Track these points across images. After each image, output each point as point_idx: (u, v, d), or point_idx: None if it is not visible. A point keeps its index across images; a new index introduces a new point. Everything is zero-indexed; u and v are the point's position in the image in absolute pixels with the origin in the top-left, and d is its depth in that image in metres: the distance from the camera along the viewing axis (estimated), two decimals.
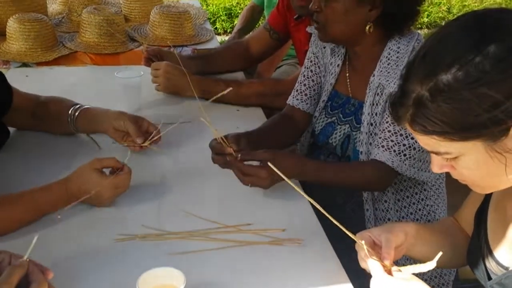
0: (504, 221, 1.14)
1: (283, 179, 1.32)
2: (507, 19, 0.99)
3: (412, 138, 1.57)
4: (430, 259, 1.22)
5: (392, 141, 1.57)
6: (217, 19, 5.69)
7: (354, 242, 1.16)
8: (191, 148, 1.77)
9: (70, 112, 1.68)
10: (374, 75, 1.62)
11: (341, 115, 1.76)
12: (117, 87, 1.98)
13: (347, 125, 1.74)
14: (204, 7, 5.56)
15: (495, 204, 1.19)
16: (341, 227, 1.10)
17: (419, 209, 1.75)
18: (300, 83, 1.86)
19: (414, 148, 1.58)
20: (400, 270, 1.12)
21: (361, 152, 1.67)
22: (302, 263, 1.31)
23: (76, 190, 1.38)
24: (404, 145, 1.57)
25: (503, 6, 5.98)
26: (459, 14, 1.06)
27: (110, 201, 1.45)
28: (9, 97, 1.68)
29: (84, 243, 1.33)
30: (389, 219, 1.72)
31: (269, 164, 1.17)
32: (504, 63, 0.94)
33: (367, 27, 1.60)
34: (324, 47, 1.81)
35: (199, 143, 1.79)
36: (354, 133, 1.71)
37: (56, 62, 2.44)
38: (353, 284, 1.25)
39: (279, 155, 1.49)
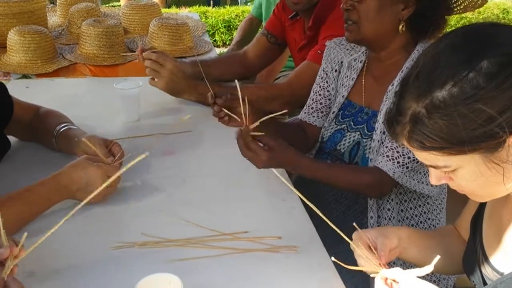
0: (499, 228, 1.16)
1: (279, 168, 1.53)
2: (497, 33, 1.01)
3: None
4: (422, 262, 1.24)
5: (397, 152, 1.60)
6: (216, 32, 5.73)
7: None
8: (191, 157, 1.80)
9: (56, 129, 1.69)
10: (393, 84, 1.64)
11: (352, 123, 1.78)
12: (116, 98, 2.00)
13: (358, 133, 1.75)
14: (203, 19, 5.60)
15: (490, 210, 1.21)
16: (335, 228, 1.12)
17: (421, 222, 1.77)
18: (313, 100, 1.88)
19: (417, 161, 1.60)
20: (396, 282, 1.13)
21: (371, 160, 1.68)
22: (298, 270, 1.32)
23: (67, 181, 1.42)
24: (409, 157, 1.60)
25: (500, 17, 6.03)
26: (452, 29, 1.08)
27: (103, 193, 1.46)
28: (11, 108, 1.71)
29: (83, 251, 1.35)
30: None
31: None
32: (497, 79, 0.96)
33: (400, 26, 1.61)
34: (342, 62, 1.82)
35: (198, 152, 1.83)
36: (364, 140, 1.73)
37: (56, 73, 2.46)
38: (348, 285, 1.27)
39: (280, 146, 1.52)
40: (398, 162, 1.60)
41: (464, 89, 0.96)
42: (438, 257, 1.12)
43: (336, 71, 1.84)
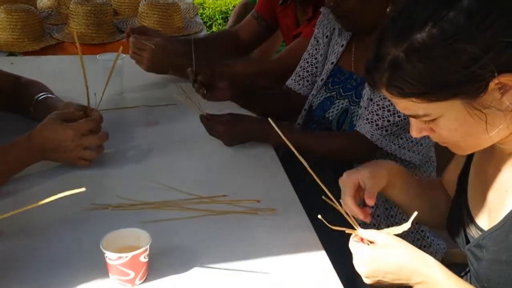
0: (484, 185, 1.13)
1: (244, 141, 1.62)
2: None
3: (399, 116, 1.57)
4: (404, 206, 1.21)
5: (377, 115, 1.57)
6: (214, 23, 5.70)
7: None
8: (174, 128, 1.77)
9: (34, 98, 1.66)
10: None
11: (341, 90, 1.75)
12: (99, 71, 1.97)
13: (346, 100, 1.72)
14: (201, 10, 5.57)
15: (476, 167, 1.18)
16: (322, 186, 1.09)
17: None
18: (301, 67, 1.86)
19: (397, 125, 1.58)
20: (373, 242, 1.10)
21: None
22: (276, 231, 1.29)
23: (40, 140, 1.38)
24: (388, 121, 1.57)
25: None
26: None
27: (78, 154, 1.43)
28: None
29: (54, 211, 1.30)
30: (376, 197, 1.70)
31: (270, 120, 1.13)
32: (477, 16, 0.92)
33: (388, 9, 1.58)
34: (334, 29, 1.80)
35: (182, 123, 1.80)
36: (352, 107, 1.70)
37: (43, 52, 2.43)
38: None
39: (234, 118, 1.58)
40: (377, 125, 1.57)
41: (444, 29, 0.92)
42: (415, 213, 1.09)
43: (327, 37, 1.81)
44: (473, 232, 1.14)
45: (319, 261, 1.20)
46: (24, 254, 1.17)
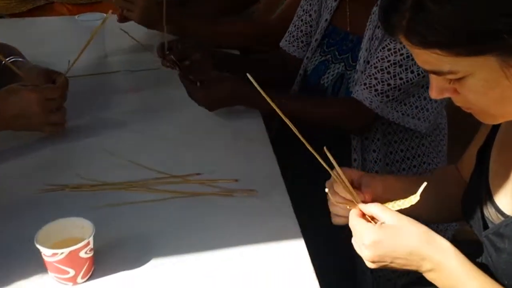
0: (509, 163, 0.95)
1: (227, 104, 1.46)
2: None
3: (401, 79, 1.37)
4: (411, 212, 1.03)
5: (376, 78, 1.39)
6: None
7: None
8: (151, 93, 1.61)
9: (2, 62, 1.51)
10: (377, 5, 1.41)
11: (336, 53, 1.56)
12: (80, 33, 1.80)
13: (342, 64, 1.53)
14: None
15: (500, 144, 0.99)
16: (317, 155, 0.92)
17: (414, 166, 1.55)
18: (295, 26, 1.67)
19: (399, 89, 1.39)
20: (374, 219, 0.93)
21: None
22: (252, 216, 1.13)
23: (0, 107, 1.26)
24: (389, 84, 1.38)
25: None
26: None
27: (43, 121, 1.31)
28: None
29: (6, 192, 1.17)
30: (377, 172, 1.52)
31: (248, 76, 0.95)
32: None
33: None
34: None
35: (163, 90, 1.63)
36: (348, 72, 1.51)
37: (31, 14, 2.28)
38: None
39: (214, 79, 1.42)
40: (376, 90, 1.38)
41: None
42: (424, 183, 0.92)
43: None
44: (492, 217, 0.96)
45: (295, 250, 1.04)
46: None
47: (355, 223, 0.93)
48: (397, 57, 1.37)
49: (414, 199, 0.93)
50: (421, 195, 1.02)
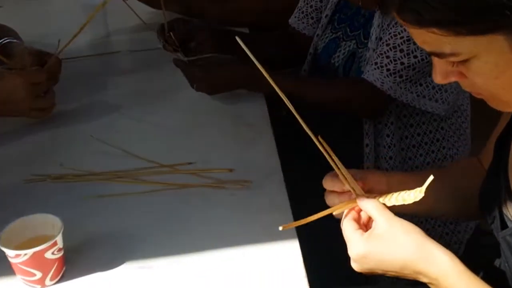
0: None
1: (227, 89, 1.35)
2: None
3: (415, 57, 1.26)
4: (424, 212, 0.92)
5: (388, 57, 1.27)
6: None
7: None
8: (151, 75, 1.52)
9: None
10: None
11: (348, 29, 1.44)
12: (82, 13, 1.72)
13: (353, 41, 1.42)
14: None
15: None
16: (314, 138, 0.81)
17: (432, 151, 1.43)
18: (305, 1, 1.56)
19: (414, 68, 1.27)
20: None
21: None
22: (245, 211, 1.04)
23: None
24: (402, 63, 1.27)
25: None
26: None
27: (29, 106, 1.25)
28: None
29: None
30: (390, 158, 1.41)
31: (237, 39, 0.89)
32: None
33: None
34: None
35: (161, 71, 1.54)
36: (360, 50, 1.40)
37: None
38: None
39: (220, 62, 1.34)
40: (388, 70, 1.26)
41: None
42: (431, 177, 0.79)
43: None
44: (510, 212, 0.85)
45: (288, 249, 0.94)
46: None
47: (344, 228, 0.83)
48: None
49: (418, 194, 0.82)
50: (438, 190, 0.92)
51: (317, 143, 0.82)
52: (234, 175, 1.11)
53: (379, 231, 0.79)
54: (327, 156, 0.83)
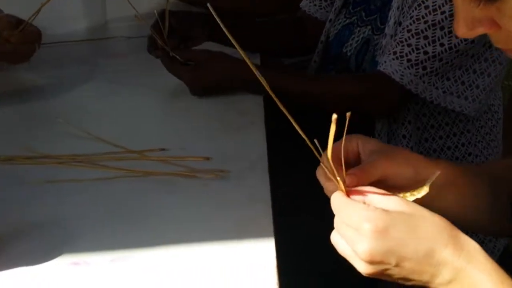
0: None
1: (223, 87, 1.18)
2: None
3: (442, 45, 1.09)
4: (456, 215, 0.72)
5: (409, 45, 1.10)
6: None
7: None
8: (141, 63, 1.37)
9: None
10: None
11: (363, 13, 1.28)
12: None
13: (369, 27, 1.26)
14: None
15: None
16: (305, 138, 0.64)
17: (456, 157, 1.24)
18: None
19: (441, 59, 1.10)
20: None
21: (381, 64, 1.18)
22: (219, 205, 0.86)
23: None
24: (426, 53, 1.09)
25: None
26: None
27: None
28: None
29: None
30: None
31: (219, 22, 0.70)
32: None
33: None
34: None
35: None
36: (375, 37, 1.23)
37: None
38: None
39: (217, 56, 1.15)
40: (409, 60, 1.09)
41: None
42: (437, 173, 0.64)
43: None
44: None
45: (260, 250, 0.76)
46: None
47: (343, 202, 0.61)
48: (437, 17, 1.08)
49: (421, 191, 0.63)
50: (471, 195, 0.72)
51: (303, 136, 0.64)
52: (212, 164, 0.94)
53: (397, 208, 0.59)
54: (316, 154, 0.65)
